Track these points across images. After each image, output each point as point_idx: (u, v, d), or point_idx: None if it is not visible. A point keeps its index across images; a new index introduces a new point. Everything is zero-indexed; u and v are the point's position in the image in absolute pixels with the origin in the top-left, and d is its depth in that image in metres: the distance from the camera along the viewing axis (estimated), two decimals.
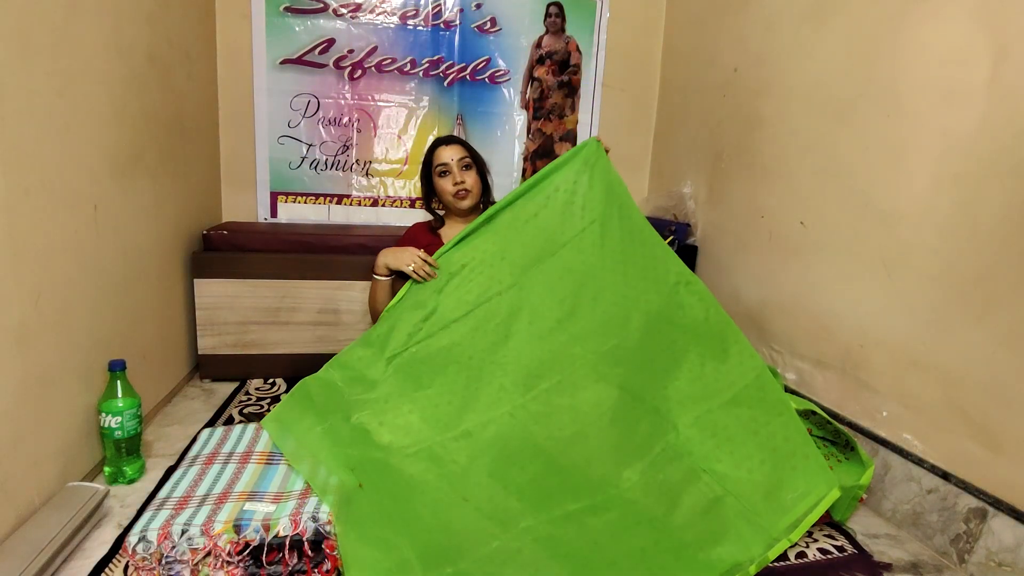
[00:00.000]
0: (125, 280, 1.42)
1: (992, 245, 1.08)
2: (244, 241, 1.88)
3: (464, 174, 1.55)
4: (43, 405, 1.10)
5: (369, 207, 2.34)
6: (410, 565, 0.94)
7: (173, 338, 1.76)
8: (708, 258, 2.05)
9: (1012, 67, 1.05)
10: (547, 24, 2.38)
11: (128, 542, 0.93)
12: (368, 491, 1.05)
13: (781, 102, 1.67)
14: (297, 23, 2.18)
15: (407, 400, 1.28)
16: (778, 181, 1.67)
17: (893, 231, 1.28)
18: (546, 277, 1.43)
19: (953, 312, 1.15)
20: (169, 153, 1.68)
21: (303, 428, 1.19)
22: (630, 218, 1.46)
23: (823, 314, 1.49)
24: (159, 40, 1.59)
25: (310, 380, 1.32)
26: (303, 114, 2.24)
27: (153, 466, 1.33)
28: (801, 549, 1.13)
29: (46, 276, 1.10)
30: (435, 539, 1.01)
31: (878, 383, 1.32)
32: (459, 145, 1.59)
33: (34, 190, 1.06)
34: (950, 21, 1.17)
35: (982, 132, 1.10)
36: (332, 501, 1.01)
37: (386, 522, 1.01)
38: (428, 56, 2.29)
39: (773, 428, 1.21)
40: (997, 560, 1.05)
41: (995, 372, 1.07)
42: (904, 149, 1.26)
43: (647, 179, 2.57)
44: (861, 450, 1.22)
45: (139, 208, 1.49)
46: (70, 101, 1.17)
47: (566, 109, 2.47)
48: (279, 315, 1.87)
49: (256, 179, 2.25)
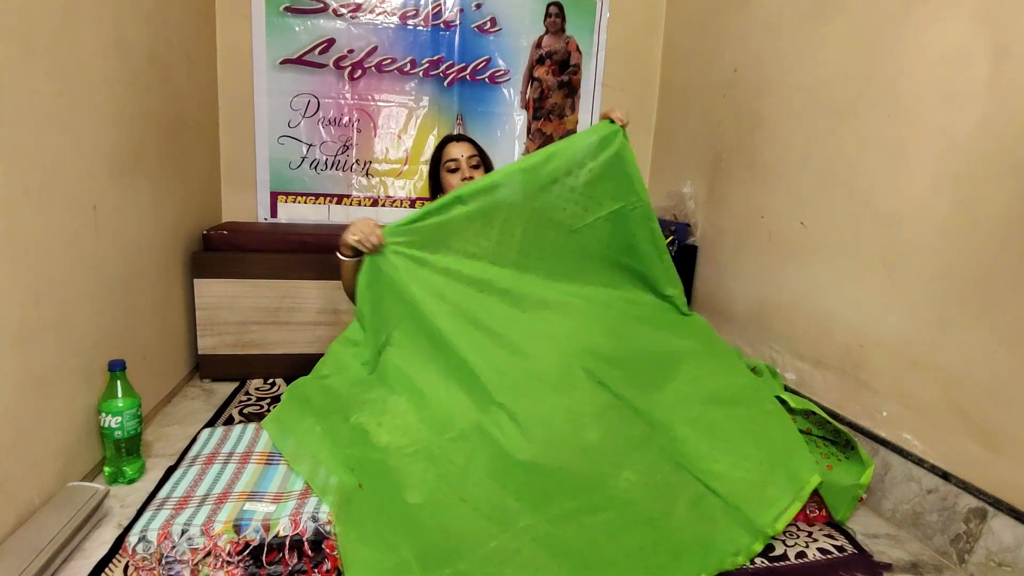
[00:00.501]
0: (125, 280, 1.42)
1: (992, 245, 1.08)
2: (244, 241, 1.88)
3: (473, 172, 1.56)
4: (43, 405, 1.10)
5: (369, 207, 2.34)
6: (409, 566, 0.94)
7: (173, 338, 1.76)
8: (708, 258, 2.05)
9: (1012, 67, 1.05)
10: (547, 24, 2.38)
11: (128, 542, 0.93)
12: (368, 491, 1.05)
13: (781, 102, 1.67)
14: (297, 23, 2.18)
15: (404, 399, 1.29)
16: (778, 181, 1.67)
17: (893, 231, 1.28)
18: (546, 269, 1.43)
19: (953, 312, 1.15)
20: (169, 153, 1.68)
21: (303, 428, 1.19)
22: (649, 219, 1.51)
23: (823, 314, 1.49)
24: (159, 40, 1.59)
25: (307, 381, 1.32)
26: (303, 114, 2.24)
27: (153, 466, 1.33)
28: (801, 549, 1.14)
29: (46, 276, 1.10)
30: (433, 540, 1.01)
31: (878, 383, 1.32)
32: (470, 144, 1.60)
33: (34, 190, 1.06)
34: (950, 21, 1.17)
35: (982, 132, 1.10)
36: (332, 501, 1.01)
37: (385, 523, 1.01)
38: (428, 56, 2.29)
39: (770, 426, 1.22)
40: (997, 560, 1.05)
41: (995, 372, 1.07)
42: (904, 149, 1.26)
43: (647, 179, 2.57)
44: (861, 449, 1.22)
45: (139, 208, 1.49)
46: (70, 101, 1.17)
47: (566, 109, 2.47)
48: (279, 315, 1.88)
49: (256, 179, 2.25)
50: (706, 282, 2.07)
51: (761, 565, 1.08)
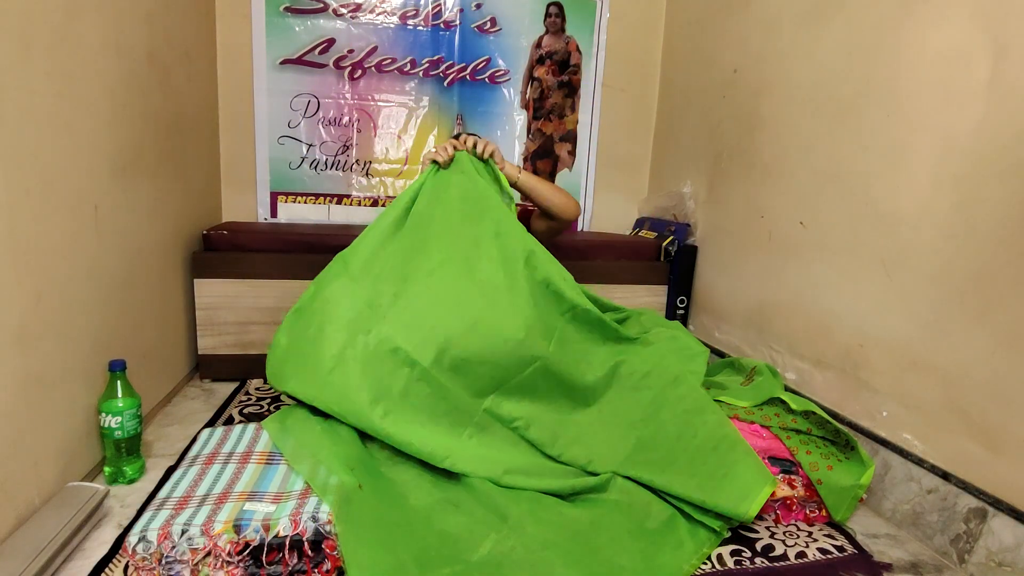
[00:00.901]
0: (125, 280, 1.42)
1: (991, 245, 1.08)
2: (244, 241, 1.88)
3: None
4: (43, 405, 1.10)
5: (369, 207, 2.34)
6: (407, 568, 0.94)
7: (173, 338, 1.76)
8: (708, 258, 2.06)
9: (1012, 67, 1.05)
10: (547, 24, 2.38)
11: (128, 542, 0.93)
12: (366, 493, 1.06)
13: (781, 102, 1.67)
14: (297, 23, 2.18)
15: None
16: (778, 181, 1.67)
17: (893, 231, 1.28)
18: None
19: (953, 312, 1.15)
20: (169, 153, 1.68)
21: (303, 428, 1.19)
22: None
23: (823, 314, 1.49)
24: (159, 40, 1.59)
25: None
26: (303, 114, 2.24)
27: (153, 466, 1.33)
28: (801, 549, 1.14)
29: (46, 276, 1.10)
30: (429, 544, 1.02)
31: (878, 383, 1.32)
32: None
33: (34, 190, 1.06)
34: (950, 21, 1.17)
35: (982, 132, 1.10)
36: (332, 501, 1.01)
37: (382, 525, 1.02)
38: (428, 56, 2.29)
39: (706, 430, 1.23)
40: (997, 560, 1.05)
41: (995, 372, 1.07)
42: (904, 149, 1.26)
43: (647, 179, 2.57)
44: (861, 449, 1.22)
45: (139, 208, 1.49)
46: (70, 101, 1.17)
47: (566, 109, 2.47)
48: (279, 315, 1.86)
49: (256, 179, 2.25)
50: (706, 282, 2.07)
51: (761, 565, 1.08)
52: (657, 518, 1.14)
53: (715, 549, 1.11)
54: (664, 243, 2.14)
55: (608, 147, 2.52)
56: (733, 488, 1.12)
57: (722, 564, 1.07)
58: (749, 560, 1.09)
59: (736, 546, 1.13)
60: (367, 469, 1.13)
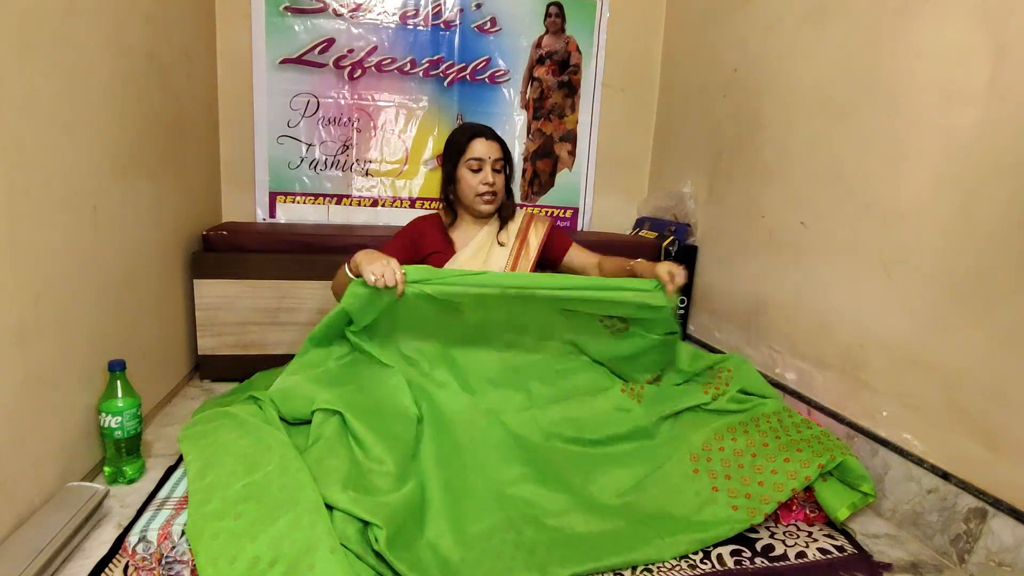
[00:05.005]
0: (125, 280, 1.42)
1: (992, 245, 1.08)
2: (244, 241, 1.88)
3: (496, 176, 1.47)
4: (43, 405, 1.10)
5: (369, 207, 2.34)
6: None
7: (173, 338, 1.76)
8: (708, 258, 2.06)
9: (1012, 67, 1.05)
10: (547, 24, 2.38)
11: (128, 542, 0.93)
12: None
13: (781, 102, 1.67)
14: (297, 23, 2.18)
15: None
16: (778, 181, 1.67)
17: (893, 231, 1.28)
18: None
19: (953, 312, 1.15)
20: (169, 153, 1.68)
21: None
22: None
23: (823, 314, 1.49)
24: (159, 40, 1.59)
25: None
26: (303, 114, 2.24)
27: (153, 466, 1.33)
28: (801, 549, 1.14)
29: (46, 276, 1.10)
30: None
31: (878, 383, 1.32)
32: (499, 144, 1.49)
33: (34, 190, 1.06)
34: (950, 21, 1.17)
35: (982, 132, 1.10)
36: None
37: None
38: (428, 56, 2.29)
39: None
40: (997, 560, 1.05)
41: (995, 372, 1.07)
42: (904, 149, 1.26)
43: (647, 179, 2.57)
44: (859, 465, 1.19)
45: (139, 208, 1.49)
46: (70, 101, 1.17)
47: (566, 109, 2.47)
48: (279, 315, 1.87)
49: (255, 179, 2.25)
50: (706, 282, 2.07)
51: (761, 565, 1.08)
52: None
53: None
54: (664, 243, 2.14)
55: (608, 147, 2.52)
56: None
57: (722, 564, 1.07)
58: (749, 560, 1.09)
59: (736, 546, 1.12)
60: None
